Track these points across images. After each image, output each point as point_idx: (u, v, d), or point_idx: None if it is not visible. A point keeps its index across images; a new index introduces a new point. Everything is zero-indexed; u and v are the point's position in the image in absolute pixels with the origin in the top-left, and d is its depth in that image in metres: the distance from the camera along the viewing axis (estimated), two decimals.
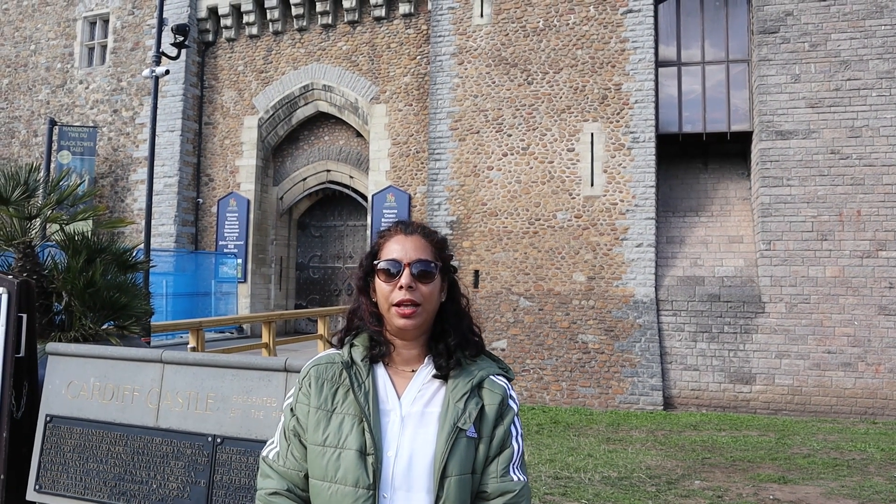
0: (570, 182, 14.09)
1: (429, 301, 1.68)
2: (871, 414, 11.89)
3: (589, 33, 14.21)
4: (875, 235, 12.36)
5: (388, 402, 1.66)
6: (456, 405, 1.62)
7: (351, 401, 1.64)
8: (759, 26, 13.28)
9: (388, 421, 1.63)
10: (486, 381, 1.69)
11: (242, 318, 16.00)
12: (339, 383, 1.67)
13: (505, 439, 1.65)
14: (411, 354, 1.71)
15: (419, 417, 1.63)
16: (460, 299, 1.79)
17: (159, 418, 3.44)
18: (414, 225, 1.77)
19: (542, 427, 10.70)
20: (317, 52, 18.54)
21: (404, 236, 1.72)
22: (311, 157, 19.30)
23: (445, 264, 1.75)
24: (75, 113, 20.48)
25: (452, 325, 1.73)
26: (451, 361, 1.68)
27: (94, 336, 4.65)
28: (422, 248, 1.70)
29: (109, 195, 19.68)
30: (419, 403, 1.65)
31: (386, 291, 1.67)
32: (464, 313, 1.77)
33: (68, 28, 21.00)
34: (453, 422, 1.59)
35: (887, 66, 12.56)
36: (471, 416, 1.61)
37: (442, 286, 1.74)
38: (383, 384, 1.68)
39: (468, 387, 1.65)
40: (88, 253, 4.90)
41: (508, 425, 1.66)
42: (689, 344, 13.03)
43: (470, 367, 1.69)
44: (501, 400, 1.67)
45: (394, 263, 1.67)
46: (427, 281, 1.67)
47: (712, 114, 14.41)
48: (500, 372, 1.74)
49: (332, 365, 1.71)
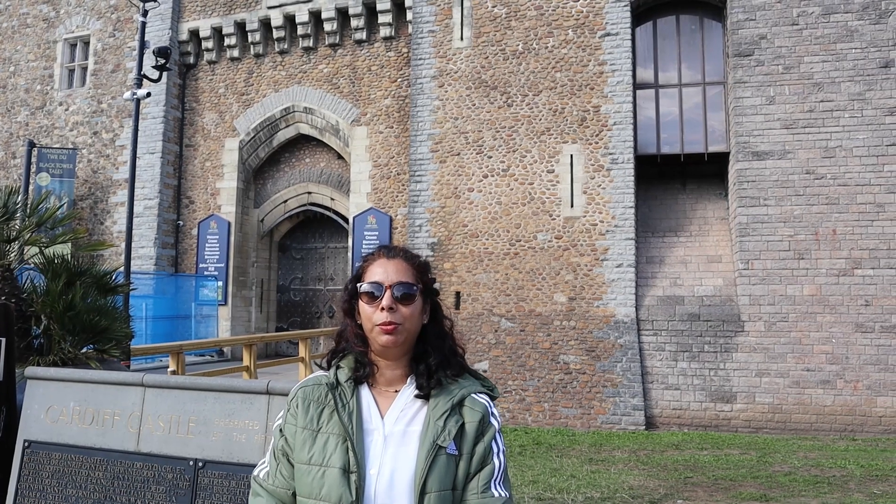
0: (550, 203, 14.19)
1: (409, 321, 1.72)
2: (851, 431, 12.00)
3: (568, 56, 14.40)
4: (850, 254, 12.55)
5: (371, 422, 1.70)
6: (436, 423, 1.65)
7: (335, 421, 1.68)
8: (734, 49, 13.54)
9: (372, 440, 1.67)
10: (467, 399, 1.73)
11: (223, 341, 15.89)
12: (324, 404, 1.72)
13: (486, 456, 1.68)
14: (394, 375, 1.75)
15: (401, 436, 1.67)
16: (443, 321, 1.83)
17: (140, 442, 3.41)
18: (396, 249, 1.82)
19: (525, 448, 10.69)
20: (298, 75, 18.61)
21: (387, 260, 1.77)
22: (292, 179, 19.29)
23: (427, 287, 1.80)
24: (55, 135, 20.36)
25: (434, 345, 1.77)
26: (431, 381, 1.72)
27: (74, 360, 4.61)
28: (403, 271, 1.75)
29: (89, 217, 19.52)
30: (401, 423, 1.69)
31: (369, 313, 1.71)
32: (446, 334, 1.82)
33: (48, 50, 20.93)
34: (433, 439, 1.63)
35: (858, 88, 12.84)
36: (450, 434, 1.65)
37: (424, 308, 1.78)
38: (367, 404, 1.73)
39: (448, 405, 1.69)
40: (68, 276, 4.87)
41: (489, 442, 1.70)
42: (669, 363, 13.10)
43: (451, 386, 1.73)
44: (482, 417, 1.71)
45: (376, 286, 1.72)
46: (408, 303, 1.72)
47: (690, 135, 14.62)
48: (483, 390, 1.77)
49: (319, 386, 1.75)
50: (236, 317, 18.79)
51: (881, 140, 12.63)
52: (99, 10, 20.30)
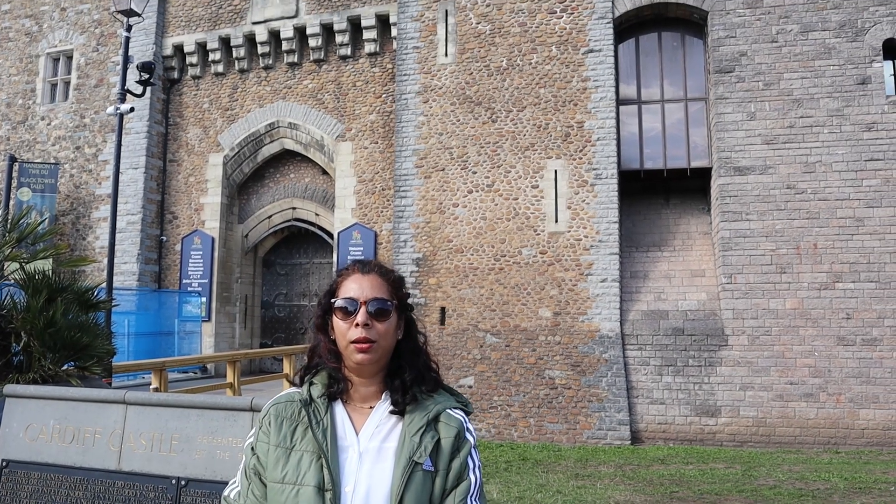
0: (534, 218, 14.24)
1: (384, 338, 1.71)
2: (834, 443, 12.07)
3: (552, 72, 14.52)
4: (832, 267, 12.68)
5: (346, 439, 1.68)
6: (412, 439, 1.64)
7: (309, 438, 1.66)
8: (716, 66, 13.71)
9: (347, 457, 1.65)
10: (442, 414, 1.72)
11: (206, 358, 15.73)
12: (298, 421, 1.70)
13: (462, 472, 1.67)
14: (369, 391, 1.74)
15: (376, 453, 1.66)
16: (417, 336, 1.82)
17: (122, 461, 3.37)
18: (371, 264, 1.81)
19: (511, 464, 10.65)
20: (282, 90, 18.62)
21: (361, 275, 1.76)
22: (276, 194, 19.25)
23: (402, 302, 1.79)
24: (36, 149, 20.21)
25: (408, 361, 1.76)
26: (406, 397, 1.70)
27: (54, 377, 4.56)
28: (378, 287, 1.74)
29: (71, 233, 19.35)
30: (377, 439, 1.68)
31: (343, 329, 1.70)
32: (420, 350, 1.80)
33: (31, 64, 20.82)
34: (409, 455, 1.62)
35: (837, 104, 13.02)
36: (426, 450, 1.64)
37: (398, 324, 1.77)
38: (342, 421, 1.71)
39: (424, 421, 1.68)
40: (49, 292, 4.82)
41: (465, 457, 1.69)
42: (654, 378, 13.13)
43: (426, 402, 1.72)
44: (458, 433, 1.70)
45: (350, 302, 1.70)
46: (383, 319, 1.71)
47: (672, 150, 14.75)
48: (458, 405, 1.77)
49: (292, 403, 1.73)
50: (220, 333, 18.65)
51: (860, 155, 12.81)
52: (82, 25, 20.24)
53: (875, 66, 12.98)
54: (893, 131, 12.75)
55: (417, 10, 15.64)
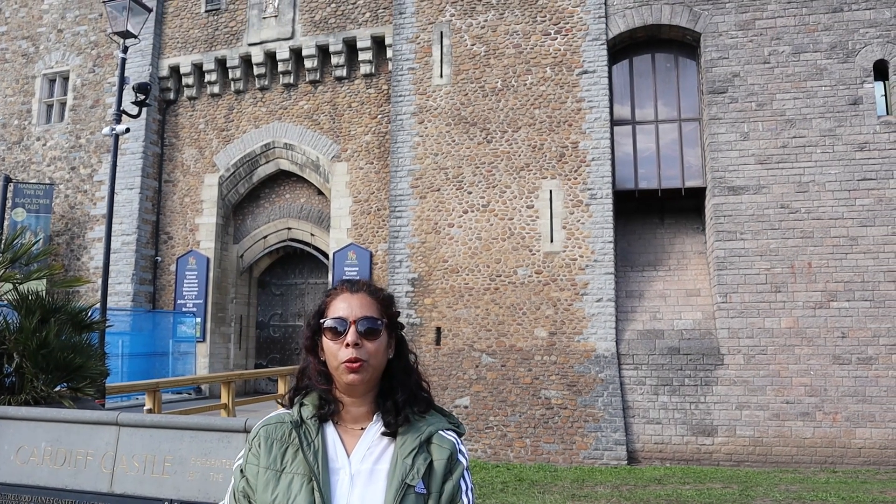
0: (529, 238, 14.27)
1: (375, 357, 1.68)
2: (831, 463, 12.02)
3: (546, 93, 14.61)
4: (826, 286, 12.71)
5: (337, 461, 1.66)
6: (404, 461, 1.62)
7: (300, 460, 1.64)
8: (709, 87, 13.82)
9: (338, 479, 1.63)
10: (434, 436, 1.70)
11: (201, 379, 15.66)
12: (288, 443, 1.67)
13: (454, 494, 1.65)
14: (360, 412, 1.72)
15: (368, 475, 1.63)
16: (408, 356, 1.80)
17: (114, 483, 3.33)
18: (360, 283, 1.78)
19: (507, 485, 10.57)
20: (278, 111, 18.69)
21: (350, 294, 1.74)
22: (271, 214, 19.25)
23: (392, 321, 1.76)
24: (31, 170, 20.21)
25: (400, 381, 1.74)
26: (399, 418, 1.68)
27: (47, 398, 4.52)
28: (367, 306, 1.72)
29: (65, 253, 19.30)
30: (368, 461, 1.65)
31: (333, 349, 1.68)
32: (412, 369, 1.78)
33: (27, 85, 20.88)
34: (401, 478, 1.59)
35: (829, 124, 13.13)
36: (419, 472, 1.61)
37: (389, 343, 1.75)
38: (333, 443, 1.69)
39: (416, 442, 1.66)
40: (42, 313, 4.80)
41: (457, 480, 1.67)
42: (650, 397, 13.09)
43: (418, 423, 1.70)
44: (450, 455, 1.68)
45: (340, 321, 1.68)
46: (373, 338, 1.68)
47: (667, 170, 14.83)
48: (450, 427, 1.75)
49: (282, 425, 1.71)
50: (215, 353, 18.56)
51: (852, 175, 12.89)
52: (79, 46, 20.34)
53: (866, 86, 13.10)
54: (885, 151, 12.85)
55: (413, 31, 15.77)
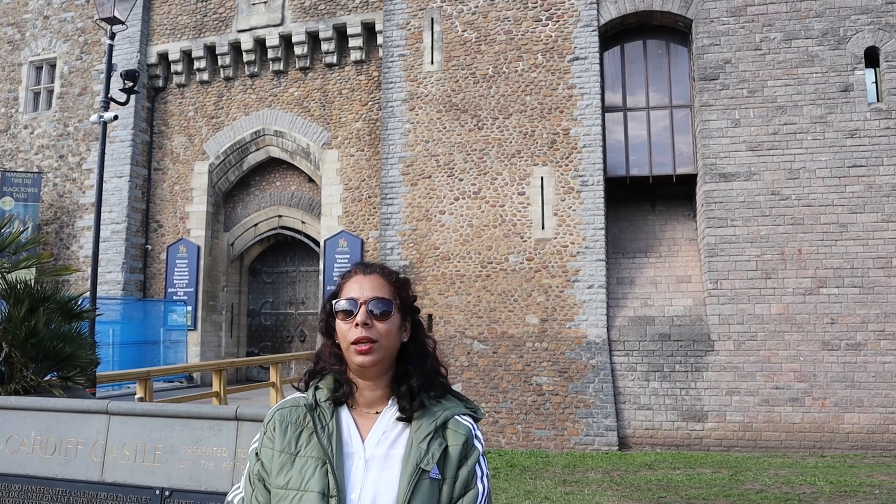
0: (521, 225, 14.27)
1: (386, 338, 1.67)
2: (820, 447, 12.13)
3: (537, 80, 14.57)
4: (816, 273, 12.77)
5: (351, 445, 1.65)
6: (419, 446, 1.61)
7: (314, 444, 1.63)
8: (700, 73, 13.81)
9: (352, 464, 1.62)
10: (450, 421, 1.68)
11: (192, 367, 15.62)
12: (303, 426, 1.66)
13: (469, 480, 1.63)
14: (375, 396, 1.71)
15: (383, 460, 1.62)
16: (425, 340, 1.78)
17: (104, 472, 3.32)
18: (374, 265, 1.78)
19: (499, 471, 10.63)
20: (268, 98, 18.58)
21: (363, 276, 1.74)
22: (262, 202, 19.18)
23: (405, 303, 1.75)
24: (19, 158, 20.03)
25: (416, 365, 1.72)
26: (414, 403, 1.67)
27: (36, 388, 4.50)
28: (379, 287, 1.71)
29: (54, 242, 19.18)
30: (383, 446, 1.64)
31: (344, 330, 1.67)
32: (428, 354, 1.77)
33: (13, 73, 20.66)
34: (416, 463, 1.58)
35: (820, 111, 13.15)
36: (434, 457, 1.60)
37: (402, 325, 1.74)
38: (347, 427, 1.68)
39: (432, 427, 1.64)
40: (31, 302, 4.77)
41: (473, 465, 1.65)
42: (641, 383, 13.16)
43: (434, 408, 1.68)
44: (466, 440, 1.66)
45: (351, 302, 1.68)
46: (383, 319, 1.67)
47: (658, 157, 14.84)
48: (466, 411, 1.73)
49: (297, 408, 1.70)
50: (206, 342, 18.52)
51: (843, 162, 12.94)
52: (66, 33, 20.12)
53: (857, 73, 13.12)
54: (875, 138, 12.89)
55: (403, 18, 15.67)
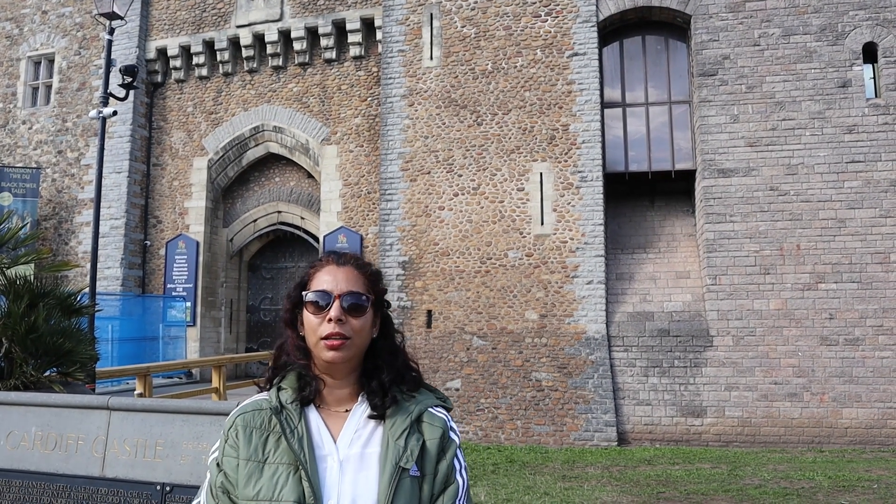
0: (520, 221, 14.27)
1: (359, 335, 1.59)
2: (818, 443, 12.16)
3: (536, 76, 14.56)
4: (814, 268, 12.79)
5: (323, 447, 1.56)
6: (396, 443, 1.54)
7: (284, 448, 1.53)
8: (699, 69, 13.80)
9: (326, 467, 1.53)
10: (424, 414, 1.61)
11: (191, 363, 15.65)
12: (269, 430, 1.56)
13: (449, 474, 1.58)
14: (343, 393, 1.62)
15: (359, 460, 1.54)
16: (394, 335, 1.70)
17: (105, 467, 3.33)
18: (347, 256, 1.69)
19: (498, 466, 10.65)
20: (267, 94, 18.56)
21: (336, 267, 1.64)
22: (261, 198, 19.17)
23: (378, 298, 1.67)
24: (17, 153, 20.01)
25: (386, 361, 1.65)
26: (386, 399, 1.59)
27: (36, 383, 4.51)
28: (354, 280, 1.63)
29: (53, 238, 19.17)
30: (357, 445, 1.56)
31: (314, 324, 1.58)
32: (398, 349, 1.69)
33: (11, 68, 20.62)
34: (395, 461, 1.51)
35: (818, 107, 13.15)
36: (413, 454, 1.53)
37: (374, 321, 1.65)
38: (317, 428, 1.59)
39: (407, 422, 1.57)
40: (31, 297, 4.77)
41: (451, 459, 1.59)
42: (640, 379, 13.18)
43: (406, 403, 1.61)
44: (442, 433, 1.60)
45: (323, 295, 1.59)
46: (358, 314, 1.59)
47: (657, 153, 14.83)
48: (439, 403, 1.66)
49: (260, 411, 1.59)
50: (205, 338, 18.53)
51: (841, 157, 12.94)
52: (64, 28, 20.08)
53: (855, 69, 13.12)
54: (874, 133, 12.89)
55: (402, 13, 15.65)
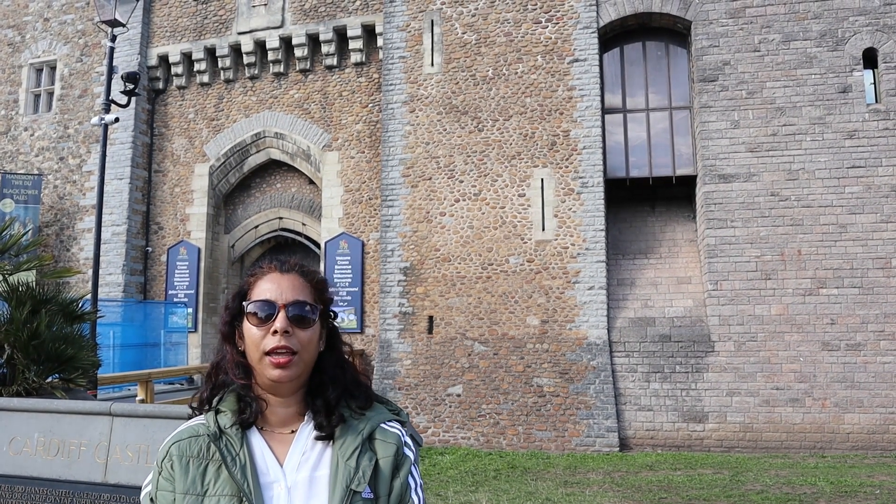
0: (521, 227, 14.28)
1: (306, 350, 1.46)
2: (820, 448, 12.14)
3: (537, 82, 14.59)
4: (815, 274, 12.79)
5: (269, 474, 1.43)
6: (347, 464, 1.42)
7: (225, 478, 1.40)
8: (699, 75, 13.83)
9: (273, 495, 1.41)
10: (377, 430, 1.50)
11: (193, 369, 15.62)
12: (207, 459, 1.43)
13: (403, 493, 1.47)
14: (288, 413, 1.49)
15: (307, 485, 1.42)
16: (341, 347, 1.58)
17: (108, 473, 3.34)
18: (291, 262, 1.57)
19: (500, 472, 10.64)
20: (269, 100, 18.60)
21: (279, 274, 1.51)
22: (263, 204, 19.20)
23: (326, 308, 1.55)
24: (19, 160, 20.06)
25: (333, 376, 1.52)
26: (332, 418, 1.47)
27: (39, 390, 4.51)
28: (299, 289, 1.50)
29: (55, 244, 19.19)
30: (305, 468, 1.44)
31: (257, 338, 1.44)
32: (346, 363, 1.57)
33: (13, 74, 20.68)
34: (345, 484, 1.40)
35: (818, 112, 13.17)
36: (365, 475, 1.42)
37: (321, 333, 1.53)
38: (261, 453, 1.45)
39: (357, 441, 1.46)
40: (33, 304, 4.78)
41: (405, 477, 1.48)
42: (642, 384, 13.17)
43: (355, 421, 1.49)
44: (396, 450, 1.49)
45: (267, 305, 1.46)
46: (305, 326, 1.47)
47: (658, 159, 14.85)
48: (392, 417, 1.55)
49: (197, 438, 1.46)
50: (207, 344, 18.53)
51: (841, 163, 12.95)
52: (66, 35, 20.15)
53: (855, 74, 13.14)
54: (874, 139, 12.90)
55: (403, 20, 15.69)
